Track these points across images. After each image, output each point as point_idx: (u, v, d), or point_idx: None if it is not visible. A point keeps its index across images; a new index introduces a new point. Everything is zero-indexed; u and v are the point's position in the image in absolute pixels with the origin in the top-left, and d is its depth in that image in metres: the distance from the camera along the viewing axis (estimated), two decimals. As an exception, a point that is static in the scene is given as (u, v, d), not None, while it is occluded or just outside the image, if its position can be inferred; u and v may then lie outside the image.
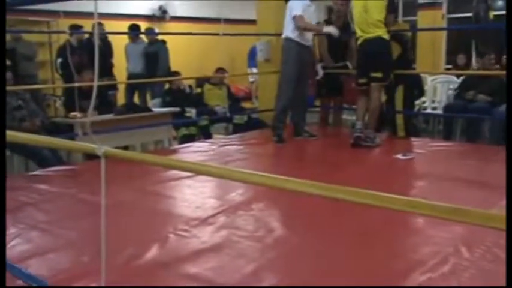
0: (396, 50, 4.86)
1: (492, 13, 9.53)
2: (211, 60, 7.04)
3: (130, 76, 7.45)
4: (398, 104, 5.00)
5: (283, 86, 4.86)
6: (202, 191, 3.27)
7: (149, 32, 7.97)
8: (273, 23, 5.18)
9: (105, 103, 5.35)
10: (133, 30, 7.45)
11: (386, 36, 4.53)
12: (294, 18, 4.67)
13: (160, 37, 7.82)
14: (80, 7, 7.14)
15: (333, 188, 1.03)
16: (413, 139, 5.00)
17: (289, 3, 4.80)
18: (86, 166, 4.15)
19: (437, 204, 0.82)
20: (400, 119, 5.02)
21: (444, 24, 10.70)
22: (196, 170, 1.52)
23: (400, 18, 10.63)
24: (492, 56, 5.91)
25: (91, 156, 3.02)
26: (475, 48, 9.00)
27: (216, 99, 6.40)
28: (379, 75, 4.57)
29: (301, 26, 4.69)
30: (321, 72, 5.32)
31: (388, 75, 4.63)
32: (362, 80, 4.67)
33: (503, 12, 10.92)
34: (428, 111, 6.86)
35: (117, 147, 4.73)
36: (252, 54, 10.21)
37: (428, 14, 9.72)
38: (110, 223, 1.61)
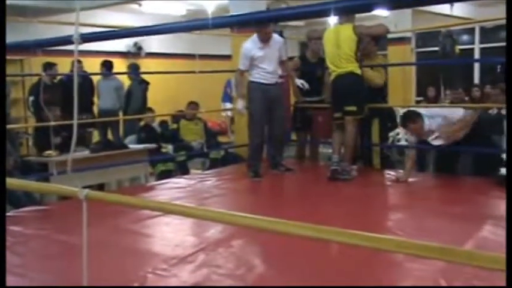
0: (382, 76, 5.04)
1: (457, 47, 9.90)
2: (187, 95, 7.07)
3: (101, 112, 7.41)
4: (375, 136, 5.09)
5: (252, 126, 4.95)
6: (180, 229, 3.23)
7: (133, 70, 8.01)
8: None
9: (83, 140, 5.31)
10: (106, 66, 7.46)
11: (358, 71, 4.65)
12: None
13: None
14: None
15: (316, 228, 1.03)
16: (388, 171, 5.06)
17: None
18: (60, 206, 4.07)
19: (424, 244, 0.83)
20: (376, 152, 5.10)
21: (413, 58, 11.05)
22: (177, 212, 1.51)
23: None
24: (460, 90, 6.08)
25: (65, 196, 2.96)
26: (442, 82, 9.27)
27: (193, 135, 6.40)
28: (353, 109, 4.65)
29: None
30: (299, 82, 5.25)
31: (362, 109, 4.72)
32: (337, 115, 4.75)
33: (469, 46, 11.37)
34: (402, 142, 6.97)
35: (92, 185, 4.71)
36: (227, 89, 10.33)
37: (398, 48, 10.02)
38: (88, 264, 1.57)
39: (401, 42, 10.11)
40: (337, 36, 4.64)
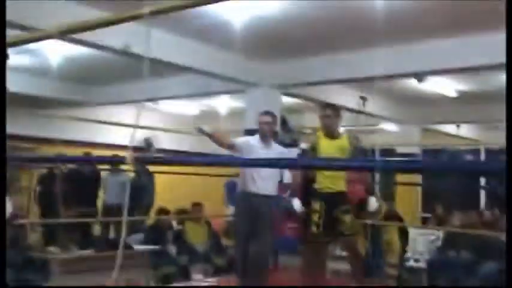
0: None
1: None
2: (189, 193, 7.03)
3: (106, 207, 7.23)
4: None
5: (235, 240, 4.31)
6: None
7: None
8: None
9: (88, 237, 5.18)
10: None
11: None
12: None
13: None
14: (67, 134, 7.22)
15: None
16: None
17: None
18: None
19: None
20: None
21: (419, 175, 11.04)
22: None
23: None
24: (472, 213, 5.98)
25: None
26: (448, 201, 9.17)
27: (197, 237, 6.26)
28: None
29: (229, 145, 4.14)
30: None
31: None
32: None
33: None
34: (411, 262, 6.77)
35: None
36: (229, 189, 10.21)
37: (406, 164, 10.05)
38: None
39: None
40: None
